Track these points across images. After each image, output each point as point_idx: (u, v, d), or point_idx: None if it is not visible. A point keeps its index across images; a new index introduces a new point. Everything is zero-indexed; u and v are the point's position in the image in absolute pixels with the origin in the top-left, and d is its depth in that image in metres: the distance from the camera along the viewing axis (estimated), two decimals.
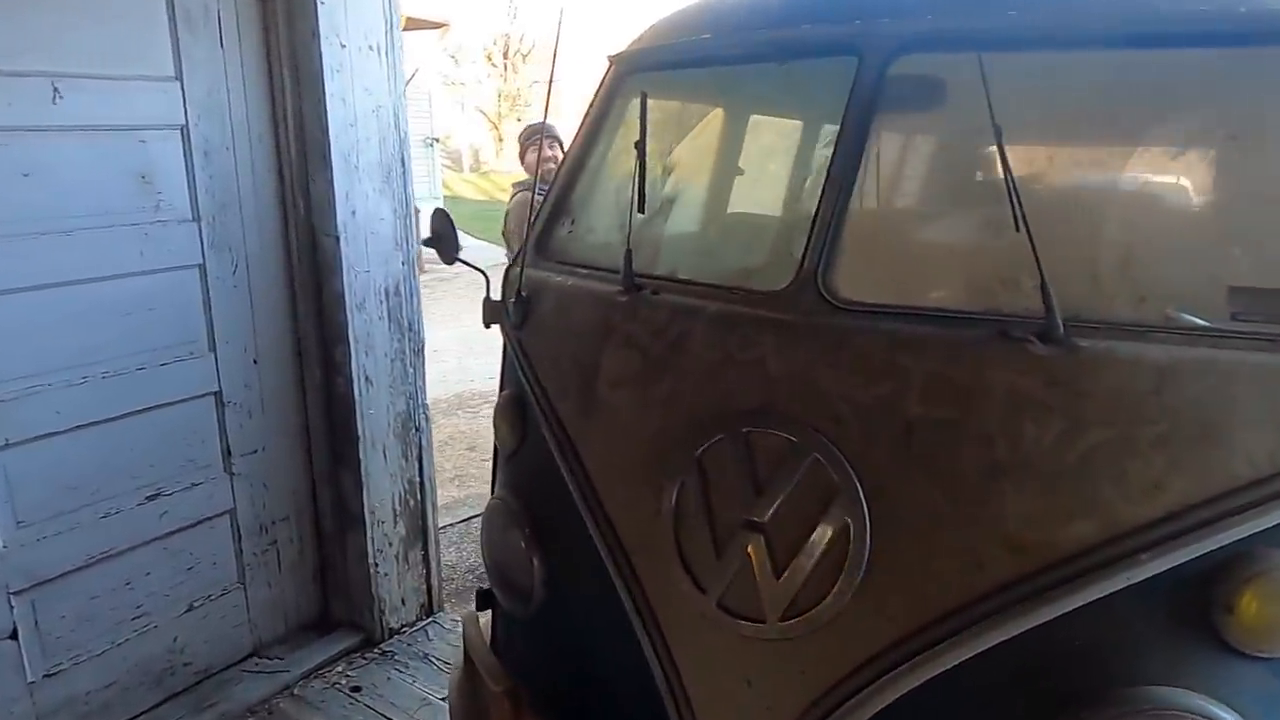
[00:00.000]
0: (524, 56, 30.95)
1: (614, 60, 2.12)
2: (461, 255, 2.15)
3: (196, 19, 2.61)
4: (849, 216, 1.54)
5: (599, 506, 1.74)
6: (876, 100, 1.59)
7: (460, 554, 4.40)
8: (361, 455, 3.10)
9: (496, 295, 2.15)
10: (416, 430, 3.29)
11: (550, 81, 1.91)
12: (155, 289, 2.65)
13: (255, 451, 3.00)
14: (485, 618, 2.29)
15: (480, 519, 5.30)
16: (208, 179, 2.71)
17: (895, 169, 1.61)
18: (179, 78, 2.61)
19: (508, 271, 2.18)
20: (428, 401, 3.35)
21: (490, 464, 2.17)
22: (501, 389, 2.16)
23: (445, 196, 18.43)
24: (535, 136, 4.05)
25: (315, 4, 2.68)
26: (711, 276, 1.70)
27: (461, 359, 8.64)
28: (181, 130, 2.64)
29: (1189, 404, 1.28)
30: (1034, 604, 1.32)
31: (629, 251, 1.75)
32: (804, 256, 1.54)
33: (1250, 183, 1.45)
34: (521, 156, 4.28)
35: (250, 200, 2.83)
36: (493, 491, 2.20)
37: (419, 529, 3.38)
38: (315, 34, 2.71)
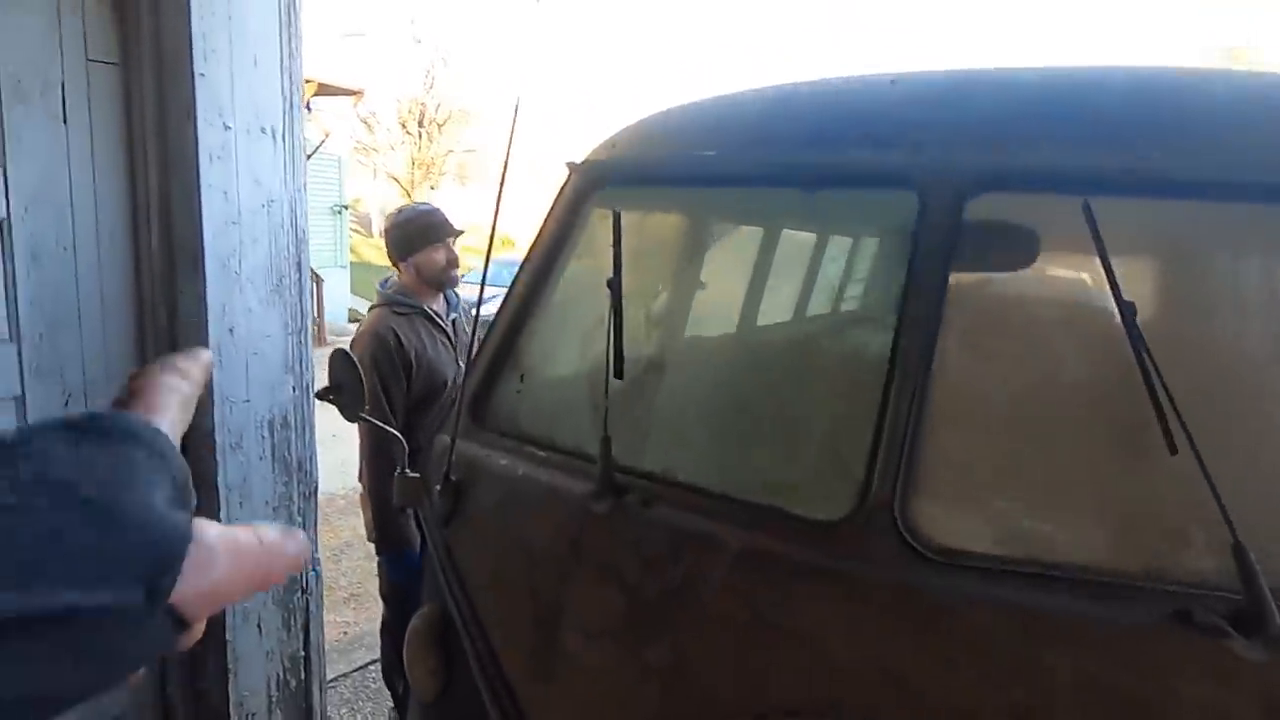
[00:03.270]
0: (439, 125, 30.73)
1: (577, 169, 1.66)
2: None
3: (29, 89, 2.03)
4: (928, 419, 1.09)
5: None
6: (950, 253, 1.17)
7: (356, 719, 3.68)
8: (229, 634, 2.44)
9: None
10: (303, 592, 2.65)
11: (502, 181, 1.43)
12: None
13: None
14: None
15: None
16: (34, 288, 2.10)
17: (982, 352, 1.19)
18: (0, 162, 2.01)
19: (433, 439, 1.65)
20: (319, 554, 2.72)
21: None
22: (410, 601, 1.61)
23: (352, 262, 17.57)
24: (437, 228, 2.69)
25: (192, 76, 2.15)
26: (725, 483, 1.22)
27: None
28: (1, 226, 2.04)
29: None
30: None
31: (606, 439, 1.26)
32: (870, 475, 1.08)
33: None
34: (403, 254, 2.71)
35: (94, 315, 2.22)
36: None
37: (302, 713, 2.70)
38: (191, 113, 2.17)
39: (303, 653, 2.67)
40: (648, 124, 1.58)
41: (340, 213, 16.68)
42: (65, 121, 2.12)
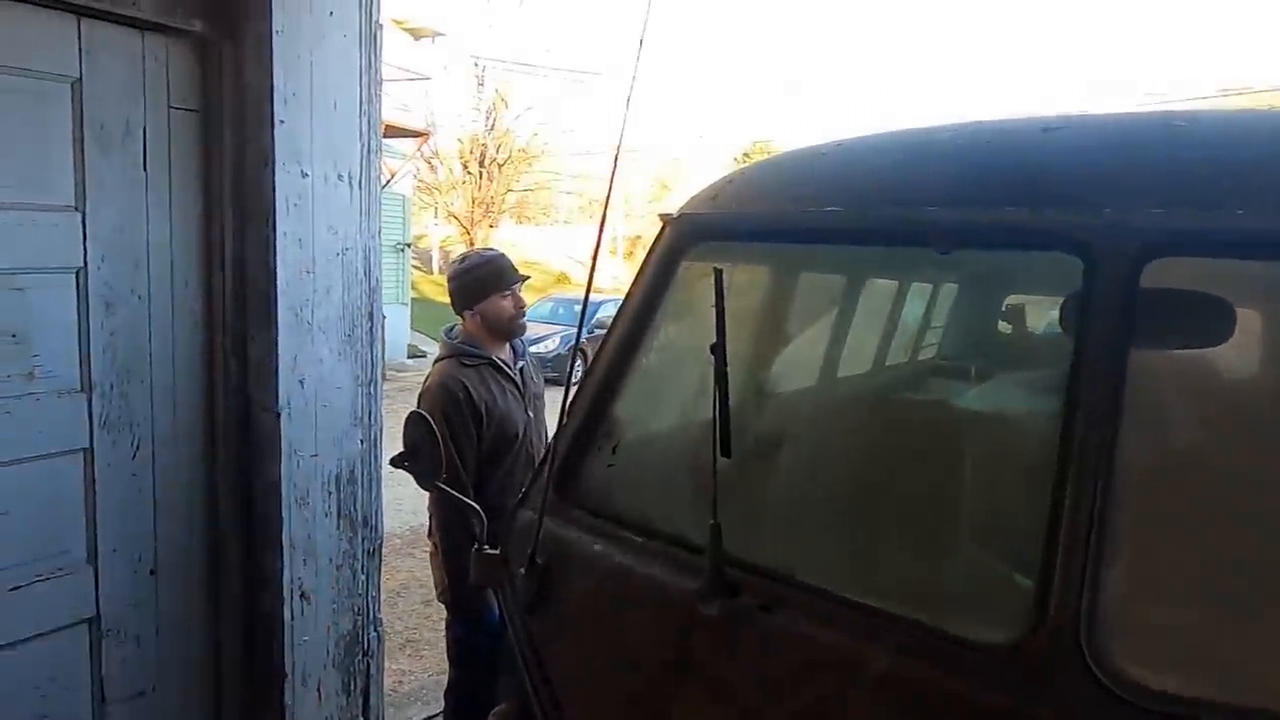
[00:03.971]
0: (499, 166, 31.47)
1: (672, 221, 1.54)
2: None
3: (112, 135, 2.00)
4: (1116, 519, 0.92)
5: None
6: (1128, 327, 1.01)
7: None
8: (288, 697, 2.33)
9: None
10: (365, 654, 2.54)
11: (602, 222, 1.32)
12: (15, 485, 1.93)
13: (141, 694, 2.21)
14: None
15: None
16: (107, 337, 2.05)
17: (1174, 436, 1.02)
18: (79, 208, 1.97)
19: (515, 511, 1.52)
20: (381, 614, 2.60)
21: None
22: (484, 664, 1.47)
23: (413, 299, 17.83)
24: (502, 276, 2.55)
25: (271, 123, 2.11)
26: (860, 587, 1.06)
27: None
28: (77, 274, 1.99)
29: None
30: None
31: (716, 526, 1.11)
32: (1045, 588, 0.91)
33: None
34: (468, 303, 2.57)
35: (164, 364, 2.16)
36: None
37: None
38: (269, 160, 2.12)
39: (361, 718, 2.54)
40: (755, 173, 1.45)
41: (403, 250, 16.99)
42: (145, 169, 2.09)
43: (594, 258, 1.41)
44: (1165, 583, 0.93)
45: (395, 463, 1.59)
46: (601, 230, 1.51)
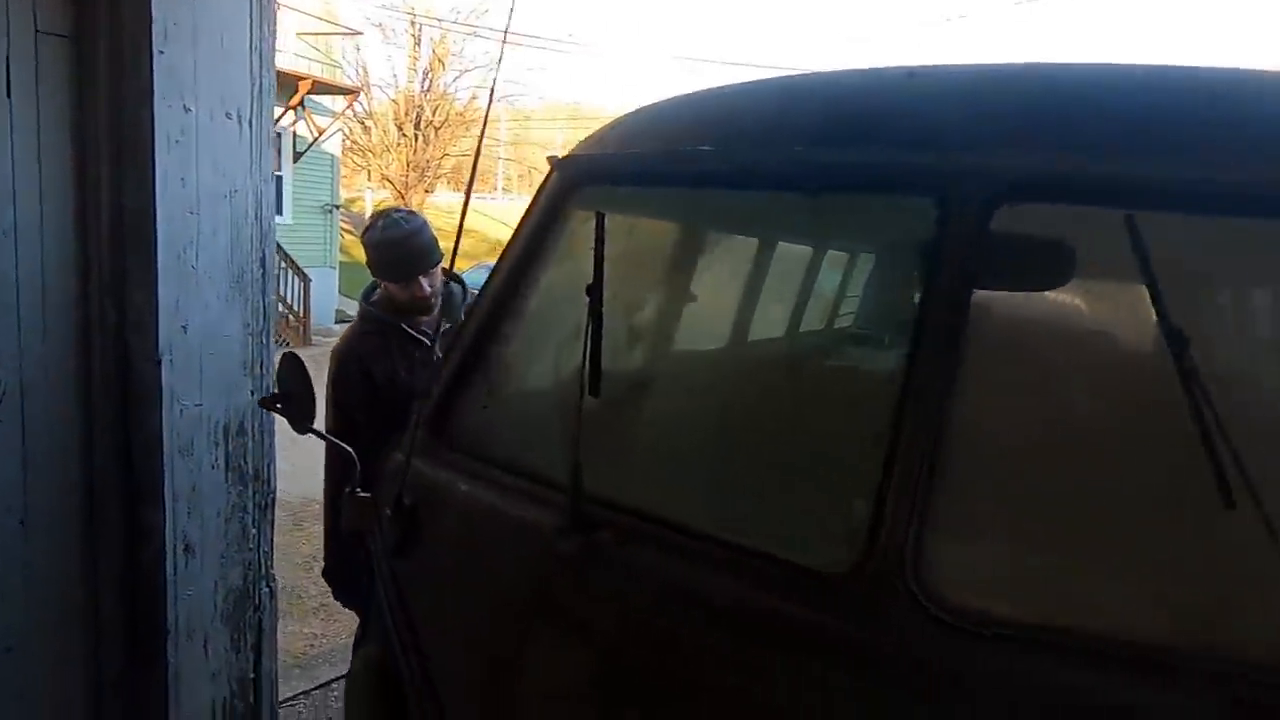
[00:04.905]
0: (435, 129, 30.71)
1: (558, 164, 1.51)
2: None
3: None
4: (946, 456, 0.94)
5: None
6: (974, 268, 1.03)
7: None
8: (170, 652, 2.26)
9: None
10: (256, 609, 2.48)
11: (474, 165, 1.28)
12: None
13: (9, 650, 2.11)
14: None
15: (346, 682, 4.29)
16: None
17: (1009, 381, 1.05)
18: None
19: (385, 454, 1.49)
20: (273, 568, 2.54)
21: None
22: (360, 640, 1.45)
23: (342, 262, 17.31)
24: (404, 265, 2.31)
25: (151, 54, 1.99)
26: (712, 521, 1.07)
27: None
28: None
29: None
30: None
31: (577, 465, 1.11)
32: (878, 521, 0.93)
33: None
34: (375, 275, 2.41)
35: (33, 306, 2.05)
36: None
37: None
38: (149, 93, 2.01)
39: (252, 674, 2.49)
40: (641, 117, 1.43)
41: (331, 212, 16.46)
42: (9, 97, 1.95)
43: (465, 204, 1.38)
44: (990, 515, 0.97)
45: (266, 404, 1.54)
46: (471, 182, 1.48)
